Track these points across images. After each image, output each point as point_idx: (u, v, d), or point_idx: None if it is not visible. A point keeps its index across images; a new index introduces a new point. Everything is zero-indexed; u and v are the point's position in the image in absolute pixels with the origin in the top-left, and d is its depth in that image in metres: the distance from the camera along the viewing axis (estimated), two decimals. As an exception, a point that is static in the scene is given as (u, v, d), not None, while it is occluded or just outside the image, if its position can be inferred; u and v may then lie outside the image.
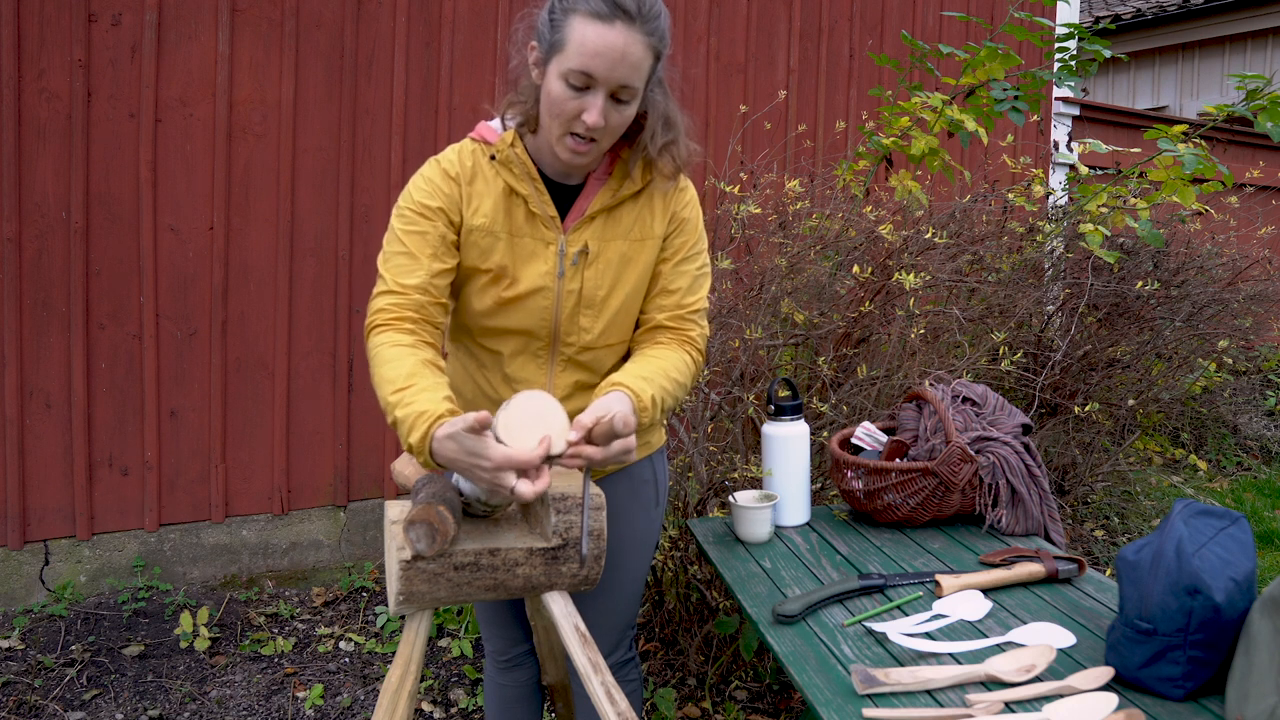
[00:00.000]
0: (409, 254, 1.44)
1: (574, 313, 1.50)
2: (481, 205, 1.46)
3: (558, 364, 1.54)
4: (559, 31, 1.34)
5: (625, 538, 1.68)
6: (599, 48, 1.31)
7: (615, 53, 1.31)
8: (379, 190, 3.40)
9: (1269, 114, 3.01)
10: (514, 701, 1.89)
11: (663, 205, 1.53)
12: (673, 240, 1.54)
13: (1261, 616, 1.16)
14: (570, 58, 1.32)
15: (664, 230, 1.53)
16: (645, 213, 1.52)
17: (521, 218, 1.48)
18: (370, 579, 3.37)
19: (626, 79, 1.34)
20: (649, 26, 1.34)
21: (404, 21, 3.40)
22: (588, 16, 1.31)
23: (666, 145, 1.46)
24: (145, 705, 2.62)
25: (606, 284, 1.50)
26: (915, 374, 2.74)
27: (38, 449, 3.00)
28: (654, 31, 1.35)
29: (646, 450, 1.68)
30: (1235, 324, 4.17)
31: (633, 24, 1.32)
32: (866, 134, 3.17)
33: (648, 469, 1.70)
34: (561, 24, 1.34)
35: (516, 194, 1.47)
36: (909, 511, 1.91)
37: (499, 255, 1.47)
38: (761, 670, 2.71)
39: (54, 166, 2.95)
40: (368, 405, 3.45)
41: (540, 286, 1.48)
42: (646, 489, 1.70)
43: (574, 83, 1.34)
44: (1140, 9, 9.25)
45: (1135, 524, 4.04)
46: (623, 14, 1.31)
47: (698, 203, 1.59)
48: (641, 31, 1.33)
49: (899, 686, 1.27)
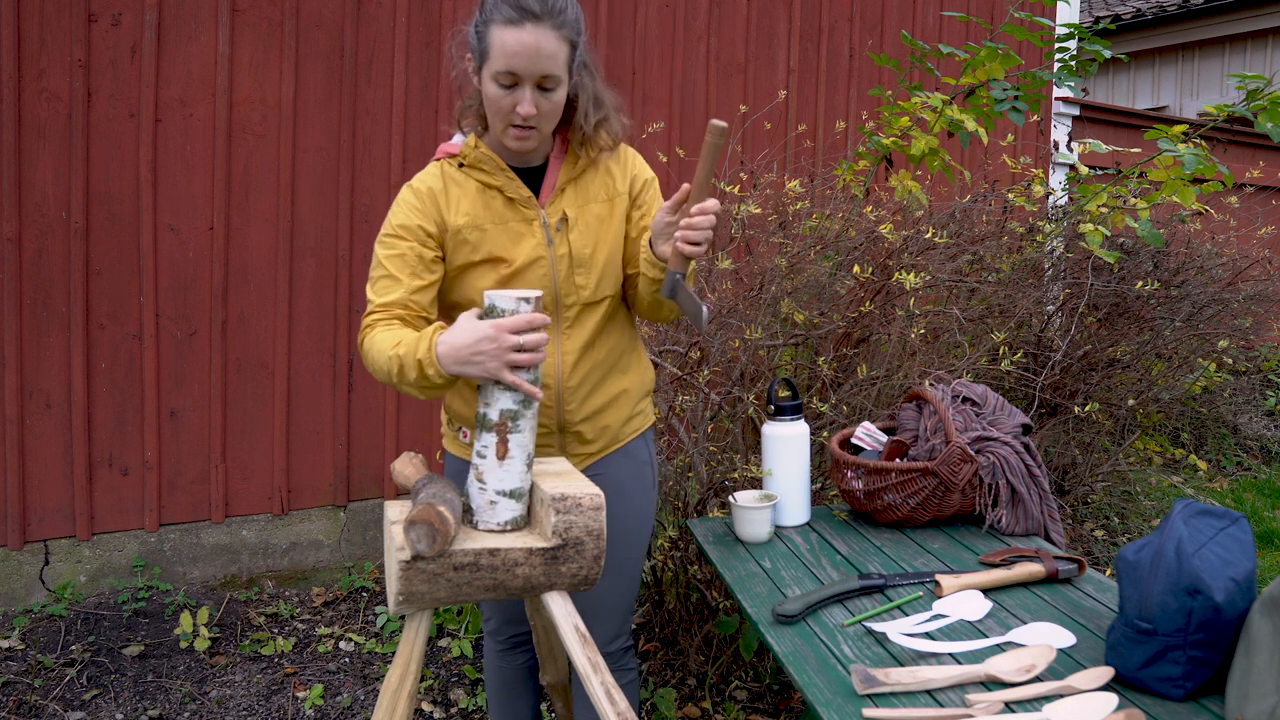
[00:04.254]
0: (389, 276, 1.60)
1: (569, 274, 1.65)
2: (460, 205, 1.63)
3: (563, 328, 1.67)
4: (484, 41, 1.53)
5: (629, 517, 1.76)
6: (515, 48, 1.50)
7: (530, 50, 1.50)
8: (379, 190, 3.40)
9: (1269, 114, 3.01)
10: (514, 683, 1.94)
11: (620, 169, 1.72)
12: (642, 196, 1.73)
13: (1261, 616, 1.16)
14: (496, 61, 1.51)
15: (627, 187, 1.71)
16: (606, 177, 1.70)
17: (501, 206, 1.64)
18: (370, 579, 3.37)
19: (546, 69, 1.52)
20: (556, 21, 1.52)
21: (404, 21, 3.40)
22: (502, 24, 1.50)
23: (599, 122, 1.65)
24: (145, 705, 2.62)
25: (591, 242, 1.67)
26: (915, 374, 2.74)
27: (38, 449, 3.00)
28: (562, 25, 1.53)
29: (643, 424, 1.81)
30: (1235, 324, 4.17)
31: (540, 22, 1.50)
32: (866, 134, 3.17)
33: (644, 450, 1.81)
34: (484, 34, 1.53)
35: (490, 187, 1.64)
36: (909, 511, 1.91)
37: (489, 244, 1.62)
38: (761, 670, 2.71)
39: (54, 166, 2.95)
40: (368, 405, 3.45)
41: (535, 258, 1.63)
42: (645, 470, 1.81)
43: (503, 82, 1.52)
44: (1140, 9, 9.25)
45: (1135, 524, 4.04)
46: (531, 15, 1.50)
47: (649, 168, 1.78)
48: (550, 27, 1.51)
49: (899, 686, 1.27)
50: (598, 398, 1.71)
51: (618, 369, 1.74)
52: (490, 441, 1.39)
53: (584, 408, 1.69)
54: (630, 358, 1.78)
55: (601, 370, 1.71)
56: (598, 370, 1.70)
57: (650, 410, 1.84)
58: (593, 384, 1.70)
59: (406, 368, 1.47)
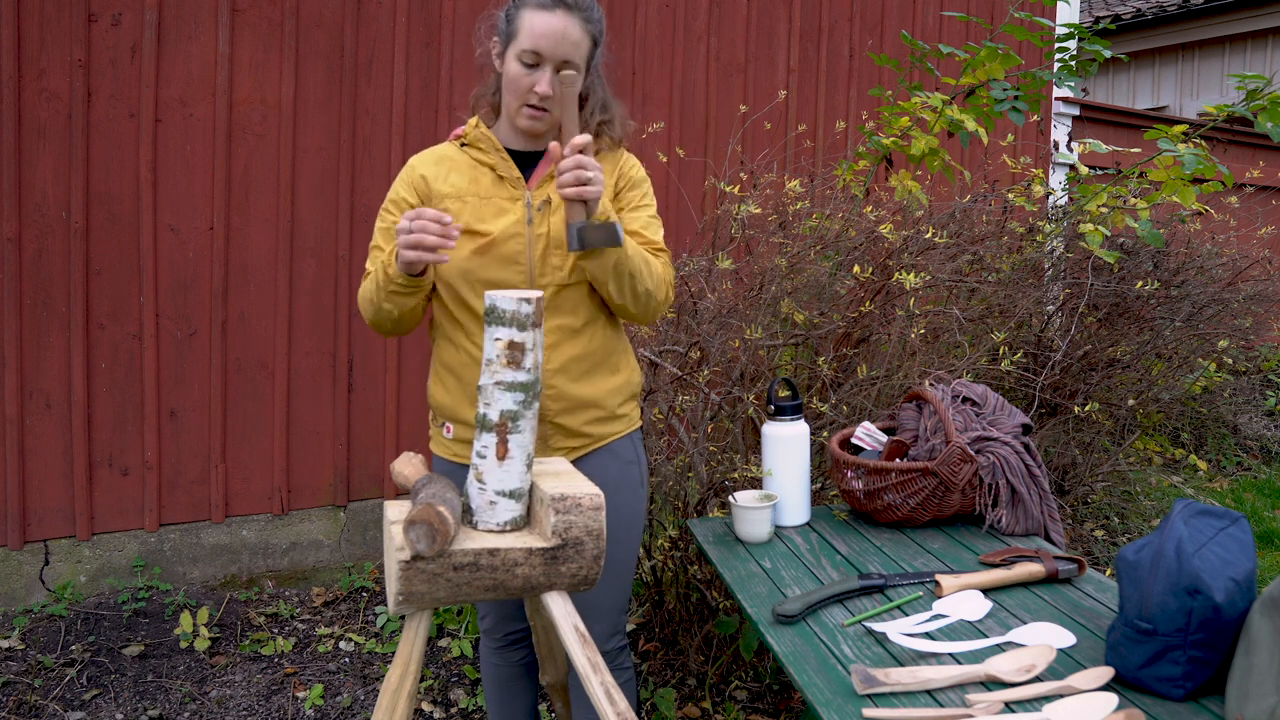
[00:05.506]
0: (378, 246, 1.75)
1: (545, 254, 1.70)
2: (449, 178, 1.73)
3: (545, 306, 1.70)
4: (513, 23, 1.65)
5: (616, 515, 1.77)
6: (544, 30, 1.61)
7: (557, 33, 1.61)
8: (379, 190, 3.40)
9: (1269, 114, 3.01)
10: (510, 681, 1.96)
11: (611, 166, 1.77)
12: (625, 193, 1.79)
13: (1261, 616, 1.16)
14: (522, 40, 1.62)
15: (612, 182, 1.76)
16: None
17: (489, 183, 1.72)
18: (370, 579, 3.37)
19: (568, 54, 1.63)
20: (584, 14, 1.65)
21: (404, 21, 3.40)
22: (535, 8, 1.63)
23: (603, 123, 1.75)
24: (145, 705, 2.62)
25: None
26: (915, 374, 2.74)
27: (38, 449, 3.00)
28: (589, 19, 1.66)
29: (628, 426, 1.82)
30: (1235, 324, 4.17)
31: (571, 12, 1.63)
32: (866, 134, 3.17)
33: (630, 449, 1.82)
34: (515, 17, 1.65)
35: (482, 165, 1.73)
36: (909, 511, 1.91)
37: (468, 215, 1.70)
38: (761, 670, 2.71)
39: (54, 166, 2.95)
40: (368, 405, 3.45)
41: (513, 234, 1.69)
42: (632, 469, 1.82)
43: (526, 61, 1.62)
44: (1140, 9, 9.25)
45: (1135, 524, 4.04)
46: (563, 4, 1.63)
47: (642, 169, 1.85)
48: (579, 18, 1.64)
49: (899, 686, 1.27)
50: (581, 389, 1.73)
51: (606, 366, 1.76)
52: (490, 442, 1.39)
53: (565, 397, 1.71)
54: (619, 358, 1.80)
55: (587, 364, 1.73)
56: (582, 362, 1.72)
57: (636, 414, 1.86)
58: (576, 374, 1.72)
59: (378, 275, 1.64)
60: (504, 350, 1.37)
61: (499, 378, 1.38)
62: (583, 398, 1.73)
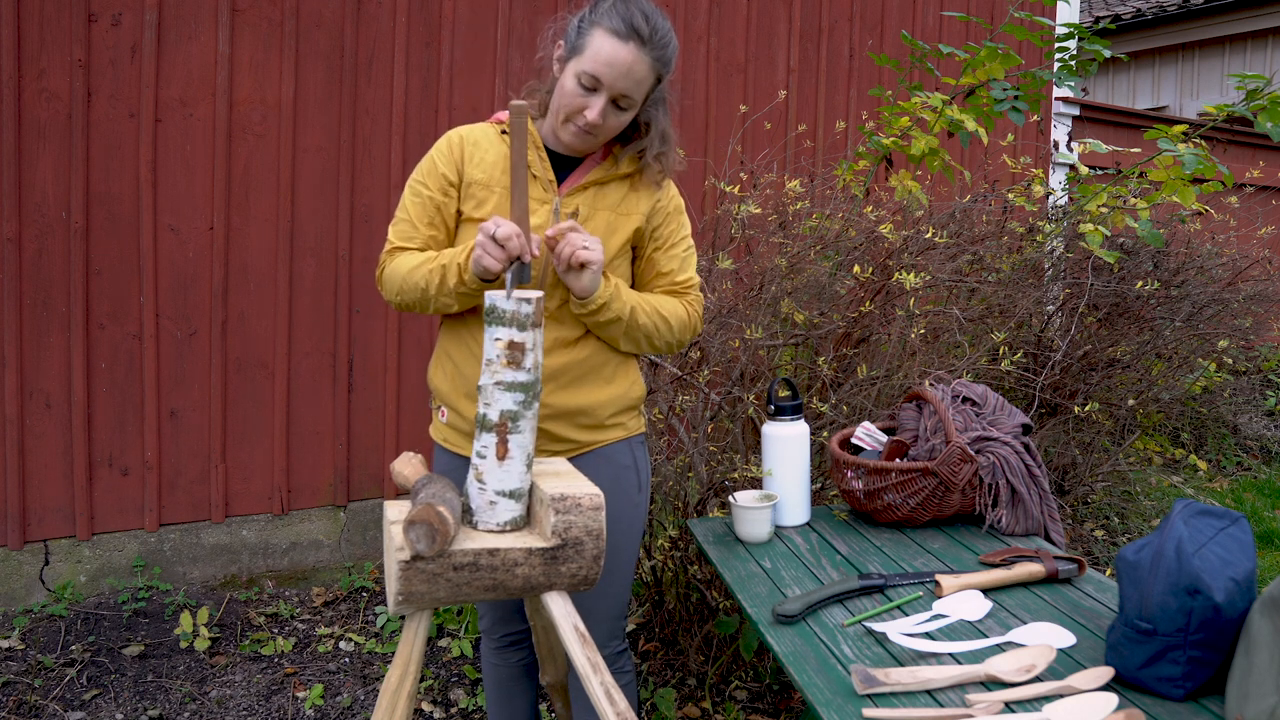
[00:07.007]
0: (409, 221, 1.69)
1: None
2: (482, 162, 1.67)
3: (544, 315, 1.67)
4: (583, 38, 1.58)
5: (611, 521, 1.74)
6: (611, 59, 1.55)
7: (623, 66, 1.55)
8: (379, 190, 3.40)
9: (1269, 114, 3.01)
10: (509, 681, 1.95)
11: (648, 193, 1.73)
12: (661, 230, 1.75)
13: (1261, 616, 1.16)
14: (586, 61, 1.56)
15: (647, 210, 1.72)
16: (631, 195, 1.72)
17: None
18: (370, 579, 3.37)
19: (628, 90, 1.58)
20: (657, 52, 1.58)
21: (404, 21, 3.40)
22: (608, 32, 1.55)
23: (659, 154, 1.71)
24: (145, 705, 2.62)
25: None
26: (915, 374, 2.74)
27: (38, 449, 3.00)
28: (660, 57, 1.59)
29: (624, 433, 1.78)
30: (1235, 324, 4.17)
31: (643, 46, 1.56)
32: (866, 134, 3.17)
33: (627, 454, 1.78)
34: (586, 32, 1.57)
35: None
36: (909, 511, 1.91)
37: (492, 206, 1.66)
38: (761, 670, 2.71)
39: (54, 166, 2.95)
40: (368, 405, 3.45)
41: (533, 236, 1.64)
42: (628, 474, 1.78)
43: (584, 83, 1.57)
44: (1140, 9, 9.25)
45: (1135, 524, 4.04)
46: (637, 37, 1.55)
47: (679, 196, 1.81)
48: (650, 55, 1.57)
49: (899, 686, 1.27)
50: (565, 398, 1.68)
51: (598, 377, 1.71)
52: (490, 442, 1.39)
53: (547, 405, 1.66)
54: (616, 370, 1.75)
55: (580, 370, 1.69)
56: (575, 369, 1.68)
57: (634, 423, 1.81)
58: (564, 383, 1.68)
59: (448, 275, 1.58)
60: (504, 350, 1.37)
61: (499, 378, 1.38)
62: (567, 406, 1.69)
